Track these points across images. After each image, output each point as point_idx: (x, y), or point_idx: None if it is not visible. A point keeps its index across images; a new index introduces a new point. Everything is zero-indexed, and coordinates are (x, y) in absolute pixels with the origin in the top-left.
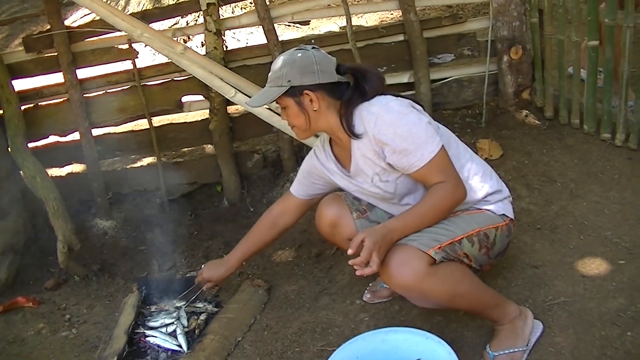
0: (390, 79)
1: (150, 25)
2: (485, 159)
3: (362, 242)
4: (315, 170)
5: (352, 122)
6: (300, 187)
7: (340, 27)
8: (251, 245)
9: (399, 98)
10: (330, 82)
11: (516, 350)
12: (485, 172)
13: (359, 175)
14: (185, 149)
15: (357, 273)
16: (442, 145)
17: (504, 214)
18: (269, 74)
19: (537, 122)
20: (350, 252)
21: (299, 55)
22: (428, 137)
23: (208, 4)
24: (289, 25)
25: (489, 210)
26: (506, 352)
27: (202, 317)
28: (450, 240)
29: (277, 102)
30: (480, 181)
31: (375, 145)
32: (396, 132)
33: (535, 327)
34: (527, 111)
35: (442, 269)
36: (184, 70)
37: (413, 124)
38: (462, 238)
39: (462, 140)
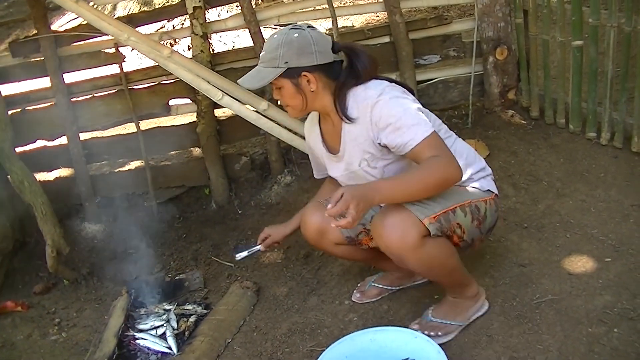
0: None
1: (137, 29)
2: None
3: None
4: (314, 150)
5: (346, 105)
6: (319, 170)
7: (326, 30)
8: None
9: (392, 84)
10: (327, 62)
11: (453, 324)
12: (470, 154)
13: (346, 157)
14: (173, 152)
15: (332, 224)
16: (434, 130)
17: (489, 190)
18: (262, 54)
19: (523, 121)
20: (329, 207)
21: (296, 35)
22: (421, 120)
23: (194, 8)
24: (275, 28)
25: (474, 187)
26: (443, 322)
27: (192, 319)
28: (445, 209)
29: (271, 83)
30: (465, 162)
31: (371, 130)
32: (391, 112)
33: (481, 306)
34: (512, 111)
35: (431, 245)
36: (171, 74)
37: (408, 106)
38: (456, 207)
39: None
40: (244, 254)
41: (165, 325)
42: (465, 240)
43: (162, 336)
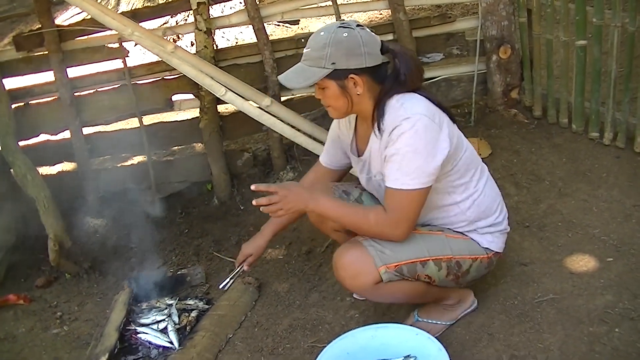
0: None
1: (141, 24)
2: None
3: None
4: (339, 140)
5: (384, 115)
6: (328, 157)
7: None
8: (282, 223)
9: (435, 114)
10: (375, 64)
11: (439, 323)
12: (490, 208)
13: (367, 164)
14: (176, 147)
15: (254, 202)
16: (424, 190)
17: (488, 248)
18: (306, 50)
19: (525, 121)
20: (262, 200)
21: (345, 35)
22: (416, 172)
23: (198, 3)
24: (278, 25)
25: (473, 239)
26: (430, 321)
27: (193, 314)
28: (414, 259)
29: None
30: (478, 216)
31: (383, 147)
32: (401, 147)
33: (469, 306)
34: (515, 110)
35: (387, 287)
36: (175, 69)
37: (417, 151)
38: (429, 260)
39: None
40: (227, 281)
41: (166, 319)
42: (435, 285)
43: (164, 331)
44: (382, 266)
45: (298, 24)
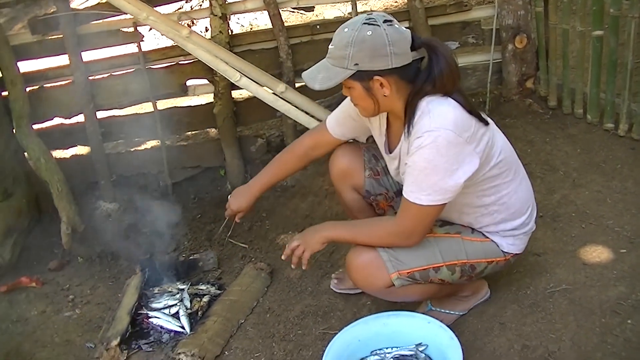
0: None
1: (156, 8)
2: None
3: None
4: (361, 121)
5: (414, 116)
6: (337, 126)
7: (346, 14)
8: (277, 172)
9: (464, 127)
10: (404, 64)
11: (452, 313)
12: (520, 210)
13: (397, 160)
14: (189, 132)
15: (283, 257)
16: (438, 205)
17: (507, 252)
18: (330, 47)
19: (540, 111)
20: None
21: (369, 33)
22: (432, 188)
23: None
24: (293, 11)
25: (494, 241)
26: (443, 311)
27: (205, 299)
28: (427, 266)
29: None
30: (505, 217)
31: (405, 151)
32: (419, 160)
33: (482, 296)
34: (530, 100)
35: (400, 290)
36: (189, 54)
37: (435, 168)
38: (442, 266)
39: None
40: (221, 229)
41: (178, 304)
42: (446, 284)
43: (175, 315)
44: (394, 273)
45: (313, 10)
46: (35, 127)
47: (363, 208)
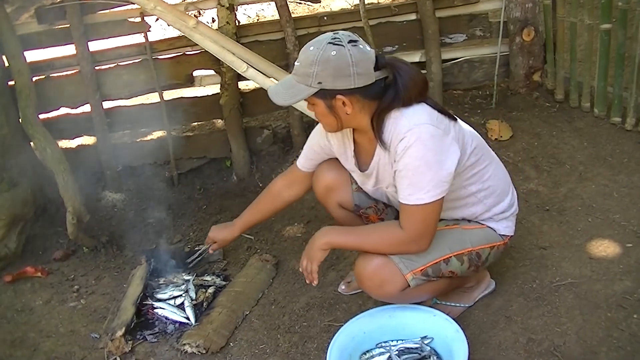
0: (401, 58)
1: None
2: (495, 140)
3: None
4: (327, 150)
5: (383, 129)
6: (306, 161)
7: (352, 5)
8: (255, 213)
9: (439, 119)
10: (367, 84)
11: (458, 305)
12: (504, 190)
13: (375, 176)
14: (195, 123)
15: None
16: (438, 200)
17: (504, 234)
18: (296, 64)
19: (547, 104)
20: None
21: (333, 53)
22: (429, 184)
23: None
24: (300, 3)
25: (490, 227)
26: (448, 304)
27: (210, 290)
28: (438, 259)
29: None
30: (494, 201)
31: (392, 160)
32: (410, 159)
33: (488, 286)
34: (537, 93)
35: (413, 291)
36: (196, 45)
37: (427, 164)
38: (451, 257)
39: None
40: (194, 257)
41: (183, 295)
42: (455, 277)
43: (181, 306)
44: (408, 273)
45: (320, 2)
46: (41, 116)
47: (354, 222)
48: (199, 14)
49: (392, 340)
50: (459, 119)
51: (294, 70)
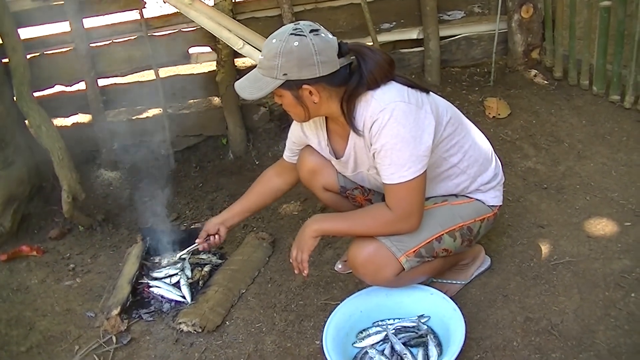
0: (399, 35)
1: None
2: (493, 117)
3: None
4: (304, 141)
5: (354, 113)
6: (290, 153)
7: None
8: (247, 204)
9: (409, 94)
10: (332, 72)
11: (455, 282)
12: (486, 158)
13: (352, 161)
14: (192, 100)
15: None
16: (421, 174)
17: (493, 205)
18: (260, 57)
19: (545, 82)
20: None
21: (296, 44)
22: (410, 161)
23: None
24: None
25: (479, 200)
26: (445, 281)
27: (206, 268)
28: (430, 238)
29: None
30: (478, 170)
31: (368, 144)
32: (386, 137)
33: (483, 263)
34: (536, 71)
35: (408, 274)
36: (192, 21)
37: (404, 140)
38: (443, 234)
39: (469, 100)
40: (184, 252)
41: (179, 274)
42: (450, 255)
43: (176, 285)
44: (401, 256)
45: None
46: (36, 94)
47: (341, 203)
48: None
49: (388, 319)
50: (431, 92)
51: (259, 64)
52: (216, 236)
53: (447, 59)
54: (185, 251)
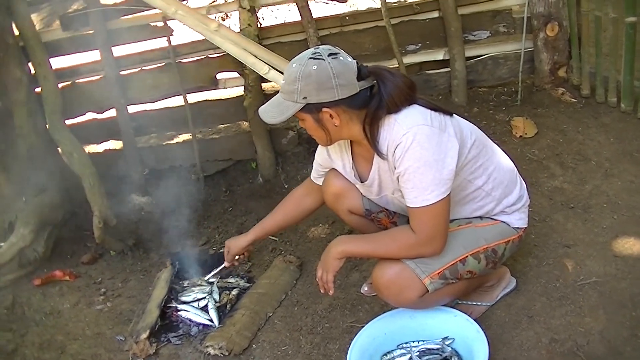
0: (425, 56)
1: (185, 2)
2: (520, 137)
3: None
4: (330, 164)
5: (377, 137)
6: (318, 175)
7: (371, 8)
8: (274, 223)
9: (432, 117)
10: (351, 95)
11: (480, 304)
12: (511, 180)
13: (377, 185)
14: (221, 125)
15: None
16: (444, 198)
17: (518, 227)
18: (282, 82)
19: (573, 100)
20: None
21: (314, 67)
22: (433, 184)
23: None
24: (327, 3)
25: (504, 222)
26: (470, 303)
27: (234, 292)
28: (454, 260)
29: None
30: (503, 192)
31: (392, 167)
32: (409, 164)
33: (509, 284)
34: (563, 89)
35: (432, 296)
36: (219, 48)
37: (427, 164)
38: (467, 256)
39: (495, 121)
40: (213, 273)
41: (207, 297)
42: (474, 277)
43: (204, 308)
44: (425, 277)
45: (347, 1)
46: (68, 122)
47: (367, 226)
48: (227, 16)
49: (413, 341)
50: (455, 114)
51: (281, 89)
52: (242, 256)
53: (473, 79)
54: (212, 273)
